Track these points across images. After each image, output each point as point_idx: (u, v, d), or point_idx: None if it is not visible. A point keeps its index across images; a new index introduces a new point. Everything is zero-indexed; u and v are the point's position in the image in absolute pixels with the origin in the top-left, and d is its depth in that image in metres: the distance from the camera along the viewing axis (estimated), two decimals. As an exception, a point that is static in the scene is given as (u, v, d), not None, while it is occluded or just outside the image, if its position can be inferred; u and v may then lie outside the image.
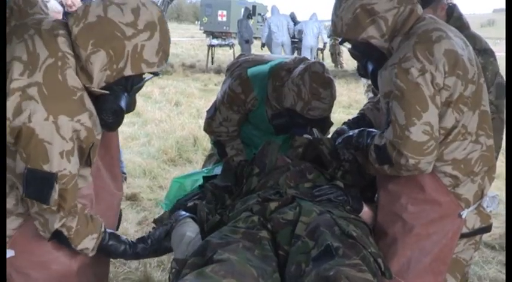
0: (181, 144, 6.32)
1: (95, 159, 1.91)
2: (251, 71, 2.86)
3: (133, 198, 4.59)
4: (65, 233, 1.83)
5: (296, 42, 14.73)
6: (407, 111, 1.88)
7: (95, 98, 1.79)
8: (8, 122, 1.64)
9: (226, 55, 17.97)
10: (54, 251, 1.93)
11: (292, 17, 14.93)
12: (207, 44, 16.17)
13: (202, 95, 10.14)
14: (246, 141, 3.06)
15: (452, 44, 1.94)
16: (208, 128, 3.03)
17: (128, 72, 1.76)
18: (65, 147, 1.68)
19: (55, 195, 1.71)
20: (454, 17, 2.84)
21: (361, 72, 2.26)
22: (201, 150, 6.15)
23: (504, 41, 2.61)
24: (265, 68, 2.86)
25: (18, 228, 1.86)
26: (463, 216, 2.02)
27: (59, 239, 1.86)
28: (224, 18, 20.47)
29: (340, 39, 2.22)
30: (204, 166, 3.39)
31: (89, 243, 1.90)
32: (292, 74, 2.66)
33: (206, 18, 20.68)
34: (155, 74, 1.87)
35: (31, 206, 1.76)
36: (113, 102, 1.80)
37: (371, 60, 2.16)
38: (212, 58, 15.18)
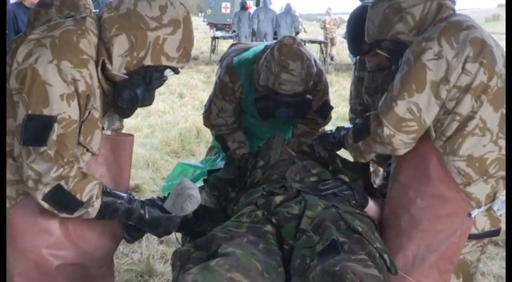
0: (184, 136, 6.32)
1: (91, 142, 1.85)
2: (236, 59, 2.85)
3: (136, 189, 4.59)
4: (65, 186, 1.73)
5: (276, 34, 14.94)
6: (403, 85, 1.92)
7: (114, 84, 1.85)
8: (16, 65, 1.72)
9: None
10: (36, 242, 1.87)
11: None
12: (210, 36, 16.15)
13: (205, 87, 10.13)
14: (246, 131, 3.04)
15: (482, 35, 1.94)
16: (207, 122, 3.01)
17: (148, 62, 1.81)
18: (66, 91, 1.71)
19: (53, 136, 1.70)
20: None
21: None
22: (204, 142, 6.15)
23: (509, 36, 2.59)
24: (249, 54, 2.85)
25: (7, 211, 1.83)
26: (473, 216, 1.98)
27: (58, 198, 1.74)
28: (228, 11, 20.38)
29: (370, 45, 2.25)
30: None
31: (93, 190, 1.79)
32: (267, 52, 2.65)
33: (210, 10, 20.59)
34: (175, 71, 1.92)
35: (27, 155, 1.71)
36: (130, 89, 1.84)
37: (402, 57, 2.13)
38: (215, 50, 15.15)
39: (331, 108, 3.01)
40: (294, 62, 2.51)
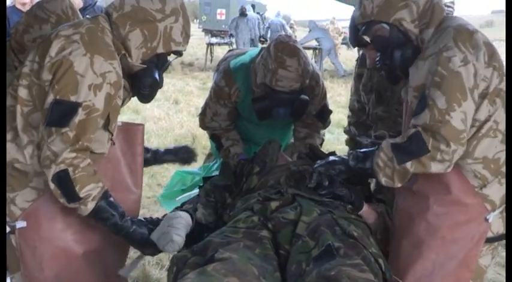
0: (180, 142, 6.30)
1: (115, 129, 1.99)
2: (233, 63, 2.88)
3: (131, 195, 4.57)
4: (71, 173, 1.82)
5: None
6: (448, 96, 1.83)
7: (132, 75, 2.04)
8: (49, 59, 1.84)
9: (224, 53, 17.94)
10: (63, 229, 1.97)
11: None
12: (205, 42, 16.15)
13: (200, 93, 10.12)
14: (243, 137, 3.06)
15: (487, 38, 1.93)
16: (202, 123, 3.06)
17: (160, 50, 2.03)
18: (95, 81, 1.84)
19: (76, 119, 1.82)
20: None
21: (386, 62, 2.11)
22: (199, 148, 6.13)
23: (503, 43, 2.62)
24: (245, 58, 2.88)
25: (33, 202, 1.94)
26: (490, 220, 1.94)
27: (62, 181, 1.83)
28: (223, 17, 20.41)
29: (361, 30, 2.13)
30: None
31: (93, 190, 1.88)
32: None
33: (205, 17, 20.60)
34: (179, 54, 2.13)
35: (48, 136, 1.82)
36: (149, 76, 2.06)
37: (398, 48, 2.06)
38: (211, 56, 15.17)
39: (330, 112, 3.04)
40: (291, 58, 2.54)
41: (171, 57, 2.15)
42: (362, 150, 2.09)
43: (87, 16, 2.21)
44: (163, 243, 2.00)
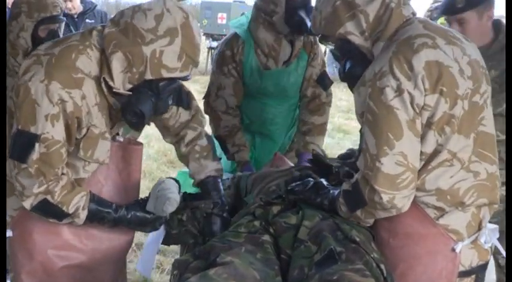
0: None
1: (94, 156, 1.89)
2: (232, 23, 2.97)
3: (132, 199, 4.58)
4: (51, 200, 1.80)
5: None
6: (378, 139, 1.68)
7: (124, 99, 1.86)
8: (17, 80, 1.78)
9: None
10: (42, 243, 1.95)
11: None
12: (206, 46, 16.17)
13: (201, 97, 10.08)
14: (250, 120, 3.05)
15: (438, 54, 1.70)
16: (206, 106, 3.01)
17: (148, 76, 1.80)
18: (51, 111, 1.74)
19: (34, 155, 1.74)
20: (502, 33, 2.56)
21: (342, 75, 1.95)
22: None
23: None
24: (243, 18, 2.93)
25: (19, 210, 1.93)
26: (457, 250, 1.76)
27: (45, 209, 1.82)
28: (224, 21, 20.42)
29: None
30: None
31: (80, 201, 1.86)
32: None
33: (206, 21, 20.59)
34: (184, 78, 1.89)
35: (13, 168, 1.79)
36: (134, 104, 1.84)
37: (350, 60, 1.90)
38: (212, 60, 15.18)
39: (331, 81, 3.02)
40: None
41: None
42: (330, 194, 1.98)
43: (87, 20, 2.22)
44: (161, 206, 2.00)
